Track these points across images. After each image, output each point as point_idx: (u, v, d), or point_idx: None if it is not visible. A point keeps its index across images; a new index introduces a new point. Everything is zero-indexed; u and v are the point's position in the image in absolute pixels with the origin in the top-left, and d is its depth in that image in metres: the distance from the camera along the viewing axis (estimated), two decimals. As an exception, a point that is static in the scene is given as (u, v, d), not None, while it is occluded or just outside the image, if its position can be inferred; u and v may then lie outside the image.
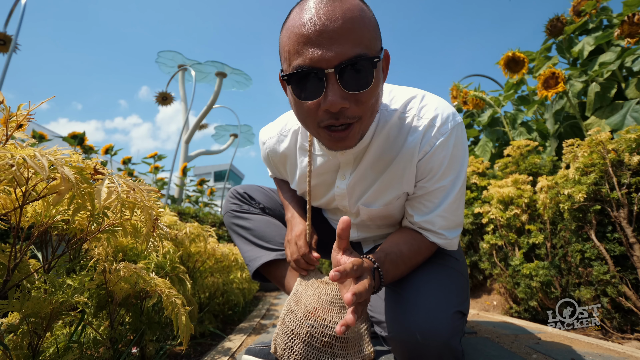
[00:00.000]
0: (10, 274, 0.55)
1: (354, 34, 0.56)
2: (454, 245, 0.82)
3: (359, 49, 0.56)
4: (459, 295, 0.77)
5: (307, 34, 0.56)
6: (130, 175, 3.99)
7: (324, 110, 0.60)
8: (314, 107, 0.61)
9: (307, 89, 0.59)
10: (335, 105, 0.58)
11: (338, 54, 0.55)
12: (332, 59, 0.55)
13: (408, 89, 0.80)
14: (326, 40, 0.55)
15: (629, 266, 1.16)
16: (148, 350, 0.88)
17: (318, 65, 0.56)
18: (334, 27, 0.55)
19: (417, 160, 0.75)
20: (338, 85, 0.57)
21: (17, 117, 0.54)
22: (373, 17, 0.61)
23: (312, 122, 0.64)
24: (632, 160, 1.16)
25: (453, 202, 0.76)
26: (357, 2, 0.59)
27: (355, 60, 0.56)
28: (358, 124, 0.63)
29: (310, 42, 0.56)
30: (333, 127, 0.62)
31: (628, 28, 1.80)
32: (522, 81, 2.90)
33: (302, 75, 0.58)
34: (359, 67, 0.57)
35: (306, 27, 0.56)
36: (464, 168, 0.77)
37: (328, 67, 0.56)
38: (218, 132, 10.67)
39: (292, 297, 0.77)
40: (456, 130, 0.74)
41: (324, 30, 0.55)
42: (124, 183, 0.53)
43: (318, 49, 0.55)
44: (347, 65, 0.56)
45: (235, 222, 1.05)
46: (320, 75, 0.57)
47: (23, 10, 2.55)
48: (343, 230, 0.61)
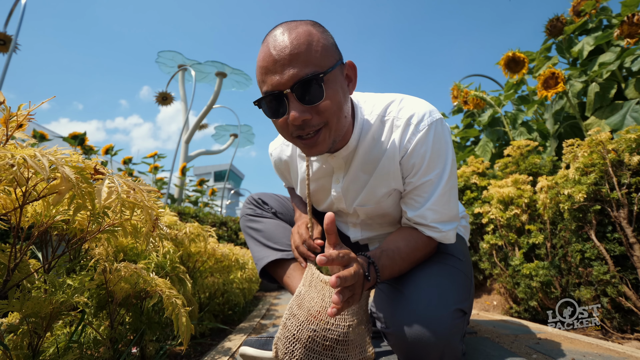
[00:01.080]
0: (10, 274, 0.55)
1: (301, 58, 0.66)
2: (450, 238, 0.83)
3: (308, 69, 0.66)
4: (460, 294, 0.78)
5: (266, 65, 0.68)
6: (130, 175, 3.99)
7: (290, 124, 0.70)
8: (284, 123, 0.72)
9: (275, 109, 0.70)
10: (297, 119, 0.67)
11: (291, 77, 0.66)
12: (287, 82, 0.66)
13: (388, 95, 0.87)
14: (279, 67, 0.66)
15: (629, 266, 1.16)
16: (148, 350, 0.88)
17: (277, 89, 0.67)
18: (284, 56, 0.66)
19: (400, 158, 0.81)
20: (297, 102, 0.67)
21: (18, 117, 0.55)
22: (323, 38, 0.70)
23: (286, 135, 0.75)
24: (632, 160, 1.16)
25: (442, 195, 0.79)
26: (305, 29, 0.69)
27: (306, 78, 0.65)
28: (326, 130, 0.72)
29: (269, 71, 0.68)
30: (303, 137, 0.72)
31: (627, 28, 1.80)
32: (522, 81, 2.90)
33: (268, 99, 0.69)
34: (310, 84, 0.66)
35: (265, 60, 0.68)
36: (449, 162, 0.80)
37: (285, 88, 0.67)
38: (218, 132, 10.67)
39: (294, 300, 0.76)
40: (434, 126, 0.78)
41: (277, 60, 0.66)
42: (124, 183, 0.53)
43: (275, 75, 0.67)
44: (300, 84, 0.66)
45: (249, 224, 1.12)
46: (281, 96, 0.68)
47: (23, 10, 2.55)
48: (328, 226, 0.66)
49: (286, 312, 0.75)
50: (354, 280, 0.62)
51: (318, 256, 0.60)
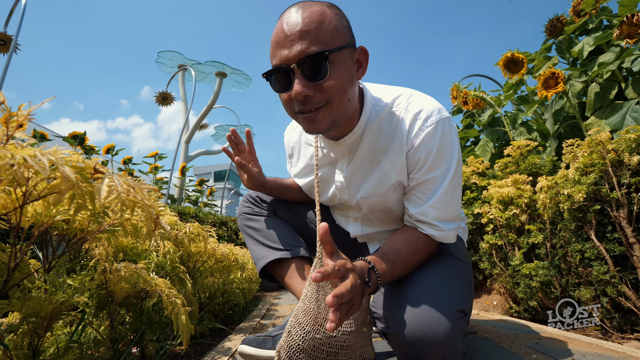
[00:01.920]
0: (10, 273, 0.55)
1: (311, 35, 0.67)
2: (451, 238, 0.83)
3: (315, 47, 0.67)
4: (461, 294, 0.78)
5: (277, 40, 0.70)
6: (131, 175, 4.00)
7: (293, 99, 0.71)
8: (288, 98, 0.73)
9: (281, 83, 0.72)
10: (299, 94, 0.69)
11: (298, 52, 0.67)
12: (295, 57, 0.68)
13: (397, 88, 0.86)
14: (289, 42, 0.68)
15: (628, 266, 1.16)
16: (148, 350, 0.88)
17: (285, 62, 0.69)
18: (294, 32, 0.68)
19: (406, 151, 0.81)
20: (301, 77, 0.69)
21: (18, 117, 0.55)
22: (335, 20, 0.71)
23: (290, 110, 0.76)
24: (632, 160, 1.16)
25: (445, 193, 0.79)
26: (320, 8, 0.70)
27: (313, 55, 0.67)
28: (327, 108, 0.72)
29: (279, 45, 0.69)
30: (303, 112, 0.73)
31: (627, 28, 1.80)
32: (522, 81, 2.90)
33: (275, 71, 0.71)
34: (316, 61, 0.67)
35: (277, 35, 0.70)
36: (454, 161, 0.80)
37: (292, 63, 0.68)
38: (218, 132, 10.67)
39: (300, 305, 0.73)
40: (442, 124, 0.79)
41: (287, 35, 0.68)
42: (124, 182, 0.53)
43: (285, 49, 0.68)
44: (306, 60, 0.67)
45: (247, 223, 1.10)
46: (287, 70, 0.69)
47: (23, 10, 2.55)
48: (323, 236, 0.64)
49: (291, 320, 0.72)
50: (351, 294, 0.60)
51: (313, 274, 0.57)
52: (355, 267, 0.66)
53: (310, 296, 0.72)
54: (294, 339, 0.70)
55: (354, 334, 0.72)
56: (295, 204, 1.13)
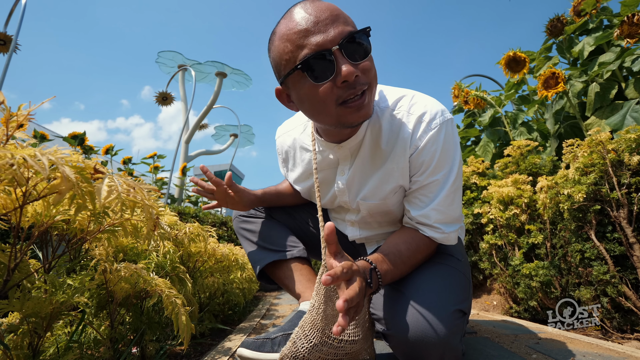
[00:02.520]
0: (10, 274, 0.55)
1: (341, 18, 0.66)
2: (452, 240, 0.83)
3: (349, 27, 0.66)
4: (459, 294, 0.77)
5: (306, 28, 0.64)
6: (131, 175, 4.00)
7: (342, 82, 0.65)
8: (329, 88, 0.66)
9: (319, 72, 0.65)
10: (351, 74, 0.63)
11: (337, 33, 0.64)
12: (334, 39, 0.64)
13: (398, 89, 0.85)
14: (323, 26, 0.64)
15: (628, 266, 1.16)
16: (148, 350, 0.88)
17: (324, 47, 0.64)
18: (326, 16, 0.64)
19: (409, 154, 0.79)
20: (346, 59, 0.64)
21: (18, 117, 0.55)
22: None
23: (330, 104, 0.68)
24: (632, 160, 1.16)
25: (447, 195, 0.78)
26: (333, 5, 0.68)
27: (352, 34, 0.64)
28: (369, 92, 0.69)
29: (310, 33, 0.64)
30: (350, 100, 0.67)
31: (628, 28, 1.80)
32: (523, 81, 2.90)
33: (313, 59, 0.64)
34: (357, 40, 0.65)
35: (302, 24, 0.64)
36: (456, 163, 0.79)
37: (333, 45, 0.63)
38: (218, 132, 10.67)
39: (307, 318, 0.71)
40: (446, 126, 0.77)
41: (318, 20, 0.64)
42: (124, 182, 0.53)
43: (319, 34, 0.64)
44: (347, 40, 0.64)
45: (242, 226, 1.09)
46: (328, 55, 0.64)
47: (23, 10, 2.55)
48: (328, 236, 0.63)
49: (297, 330, 0.70)
50: (359, 297, 0.60)
51: (323, 276, 0.56)
52: (359, 268, 0.66)
53: (318, 307, 0.70)
54: (299, 350, 0.69)
55: (361, 341, 0.72)
56: (292, 206, 1.12)
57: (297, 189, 1.04)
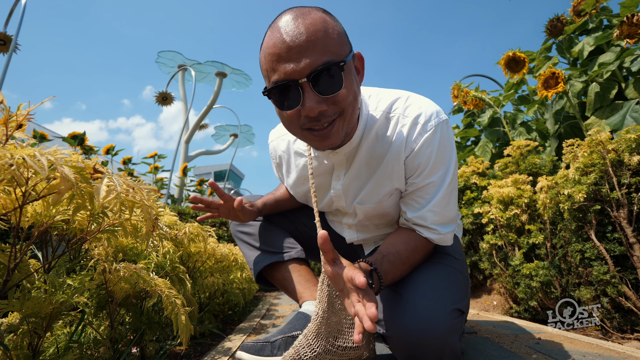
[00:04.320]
0: (10, 274, 0.55)
1: (318, 45, 0.62)
2: (448, 240, 0.83)
3: (325, 57, 0.62)
4: (457, 293, 0.78)
5: (279, 52, 0.62)
6: (130, 175, 4.00)
7: (304, 116, 0.66)
8: (295, 115, 0.67)
9: (287, 100, 0.65)
10: (314, 110, 0.64)
11: (307, 65, 0.61)
12: (303, 70, 0.62)
13: (394, 91, 0.84)
14: (295, 54, 0.61)
15: (629, 266, 1.16)
16: (148, 350, 0.88)
17: (292, 77, 0.62)
18: (300, 42, 0.61)
19: (405, 157, 0.79)
20: (313, 92, 0.63)
21: (17, 117, 0.55)
22: (337, 26, 0.67)
23: (296, 128, 0.70)
24: (632, 160, 1.15)
25: (443, 197, 0.78)
26: (320, 15, 0.64)
27: (324, 67, 0.62)
28: (340, 120, 0.68)
29: (282, 58, 0.62)
30: (315, 129, 0.68)
31: (627, 29, 1.80)
32: (523, 81, 2.90)
33: (280, 88, 0.64)
34: (328, 73, 0.62)
35: (277, 46, 0.63)
36: (452, 164, 0.79)
37: (301, 77, 0.62)
38: (218, 132, 10.67)
39: (311, 327, 0.70)
40: (441, 127, 0.77)
41: (292, 46, 0.61)
42: (123, 182, 0.53)
43: (289, 63, 0.62)
44: (317, 73, 0.62)
45: (239, 229, 1.09)
46: (295, 85, 0.63)
47: (23, 10, 2.55)
48: (323, 244, 0.63)
49: (301, 338, 0.70)
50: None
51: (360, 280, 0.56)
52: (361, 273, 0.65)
53: (322, 316, 0.69)
54: (302, 358, 0.69)
55: (364, 346, 0.72)
56: (289, 209, 1.12)
57: (292, 193, 1.03)
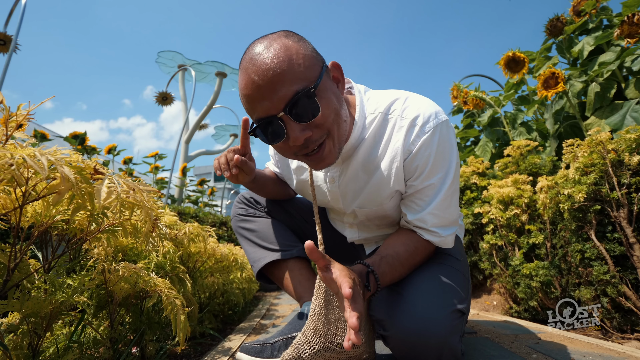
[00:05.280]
0: (10, 274, 0.55)
1: (286, 77, 0.62)
2: (449, 243, 0.83)
3: (295, 85, 0.63)
4: (458, 294, 0.77)
5: (252, 94, 0.64)
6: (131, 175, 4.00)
7: (292, 146, 0.68)
8: (284, 146, 0.70)
9: (272, 135, 0.68)
10: (298, 140, 0.65)
11: (281, 98, 0.62)
12: (278, 105, 0.63)
13: (393, 92, 0.83)
14: (266, 92, 0.63)
15: (629, 266, 1.16)
16: (148, 350, 0.88)
17: (270, 114, 0.64)
18: (267, 79, 0.62)
19: (403, 159, 0.78)
20: (294, 123, 0.65)
21: (17, 117, 0.55)
22: (301, 48, 0.66)
23: (290, 155, 0.73)
24: (632, 160, 1.15)
25: (443, 199, 0.77)
26: (282, 43, 0.64)
27: (297, 97, 0.62)
28: (329, 140, 0.70)
29: (255, 99, 0.64)
30: (307, 154, 0.70)
31: (628, 28, 1.80)
32: (523, 81, 2.90)
33: (262, 126, 0.67)
34: (302, 101, 0.63)
35: (249, 87, 0.65)
36: (453, 166, 0.78)
37: (277, 112, 0.64)
38: (218, 132, 10.68)
39: (309, 324, 0.70)
40: (440, 129, 0.76)
41: (261, 85, 0.63)
42: (123, 183, 0.53)
43: (263, 101, 0.64)
44: (293, 104, 0.63)
45: (241, 225, 1.08)
46: (275, 120, 0.65)
47: (23, 10, 2.55)
48: (311, 254, 0.62)
49: (300, 337, 0.70)
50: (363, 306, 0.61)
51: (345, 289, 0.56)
52: (354, 272, 0.65)
53: (320, 312, 0.70)
54: (302, 356, 0.69)
55: (364, 345, 0.72)
56: (290, 205, 1.11)
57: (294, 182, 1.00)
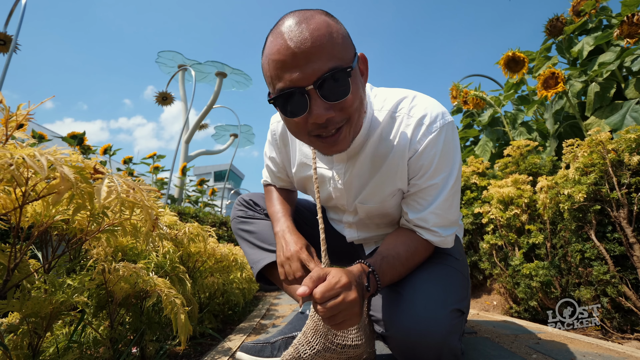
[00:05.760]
0: (10, 274, 0.55)
1: (324, 51, 0.60)
2: (449, 243, 0.83)
3: (331, 62, 0.61)
4: (457, 294, 0.77)
5: (284, 59, 0.61)
6: (131, 175, 3.99)
7: (311, 123, 0.65)
8: (302, 122, 0.66)
9: (293, 107, 0.64)
10: (321, 117, 0.63)
11: (314, 71, 0.60)
12: (310, 77, 0.60)
13: (400, 90, 0.83)
14: (301, 61, 0.60)
15: (628, 266, 1.16)
16: (148, 350, 0.88)
17: (298, 85, 0.61)
18: (305, 48, 0.59)
19: (408, 157, 0.78)
20: (320, 99, 0.62)
21: (17, 117, 0.54)
22: (341, 29, 0.65)
23: (303, 134, 0.69)
24: (632, 160, 1.16)
25: (446, 199, 0.78)
26: (324, 19, 0.63)
27: (330, 73, 0.60)
28: (347, 126, 0.68)
29: (287, 66, 0.61)
30: (323, 135, 0.68)
31: (627, 28, 1.80)
32: (522, 81, 2.90)
33: (286, 96, 0.63)
34: (335, 79, 0.61)
35: (281, 53, 0.61)
36: (456, 167, 0.79)
37: (307, 84, 0.61)
38: (218, 132, 10.68)
39: (309, 324, 0.70)
40: (446, 129, 0.76)
41: (297, 53, 0.60)
42: (123, 183, 0.53)
43: (295, 70, 0.60)
44: (324, 80, 0.61)
45: (241, 227, 1.08)
46: (302, 93, 0.62)
47: (23, 10, 2.55)
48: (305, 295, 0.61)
49: (300, 337, 0.70)
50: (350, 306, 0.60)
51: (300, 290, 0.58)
52: (352, 273, 0.65)
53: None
54: (302, 356, 0.69)
55: (364, 345, 0.72)
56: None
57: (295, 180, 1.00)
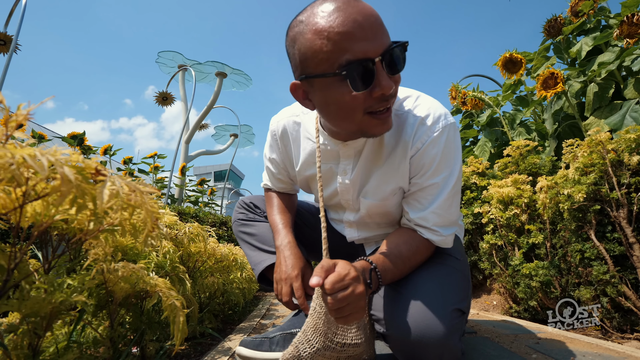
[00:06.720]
0: (10, 274, 0.55)
1: (383, 27, 0.64)
2: (449, 243, 0.83)
3: (389, 38, 0.64)
4: (458, 293, 0.78)
5: (351, 32, 0.60)
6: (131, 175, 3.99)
7: (379, 95, 0.64)
8: (362, 97, 0.65)
9: (359, 81, 0.63)
10: (390, 88, 0.63)
11: (381, 44, 0.62)
12: (378, 49, 0.61)
13: (404, 89, 0.84)
14: (370, 33, 0.61)
15: (628, 266, 1.16)
16: (148, 350, 0.88)
17: (368, 56, 0.61)
18: (372, 22, 0.61)
19: (410, 156, 0.79)
20: (384, 72, 0.63)
21: (17, 117, 0.54)
22: None
23: (359, 112, 0.67)
24: (632, 160, 1.16)
25: (446, 199, 0.78)
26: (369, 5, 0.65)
27: (393, 46, 0.63)
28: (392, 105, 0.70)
29: (355, 38, 0.60)
30: (380, 112, 0.67)
31: (627, 28, 1.80)
32: (520, 82, 2.91)
33: (355, 67, 0.61)
34: (397, 53, 0.64)
35: (348, 25, 0.60)
36: (457, 167, 0.79)
37: (376, 56, 0.61)
38: (218, 132, 10.68)
39: (309, 322, 0.70)
40: (448, 130, 0.77)
41: (364, 25, 0.61)
42: (125, 185, 0.53)
43: (365, 42, 0.61)
44: (390, 53, 0.63)
45: (242, 229, 1.09)
46: (371, 65, 0.61)
47: (23, 10, 2.55)
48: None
49: (300, 335, 0.70)
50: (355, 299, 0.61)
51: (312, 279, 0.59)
52: (356, 268, 0.65)
53: (320, 311, 0.69)
54: (302, 354, 0.68)
55: (364, 344, 0.72)
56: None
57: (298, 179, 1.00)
